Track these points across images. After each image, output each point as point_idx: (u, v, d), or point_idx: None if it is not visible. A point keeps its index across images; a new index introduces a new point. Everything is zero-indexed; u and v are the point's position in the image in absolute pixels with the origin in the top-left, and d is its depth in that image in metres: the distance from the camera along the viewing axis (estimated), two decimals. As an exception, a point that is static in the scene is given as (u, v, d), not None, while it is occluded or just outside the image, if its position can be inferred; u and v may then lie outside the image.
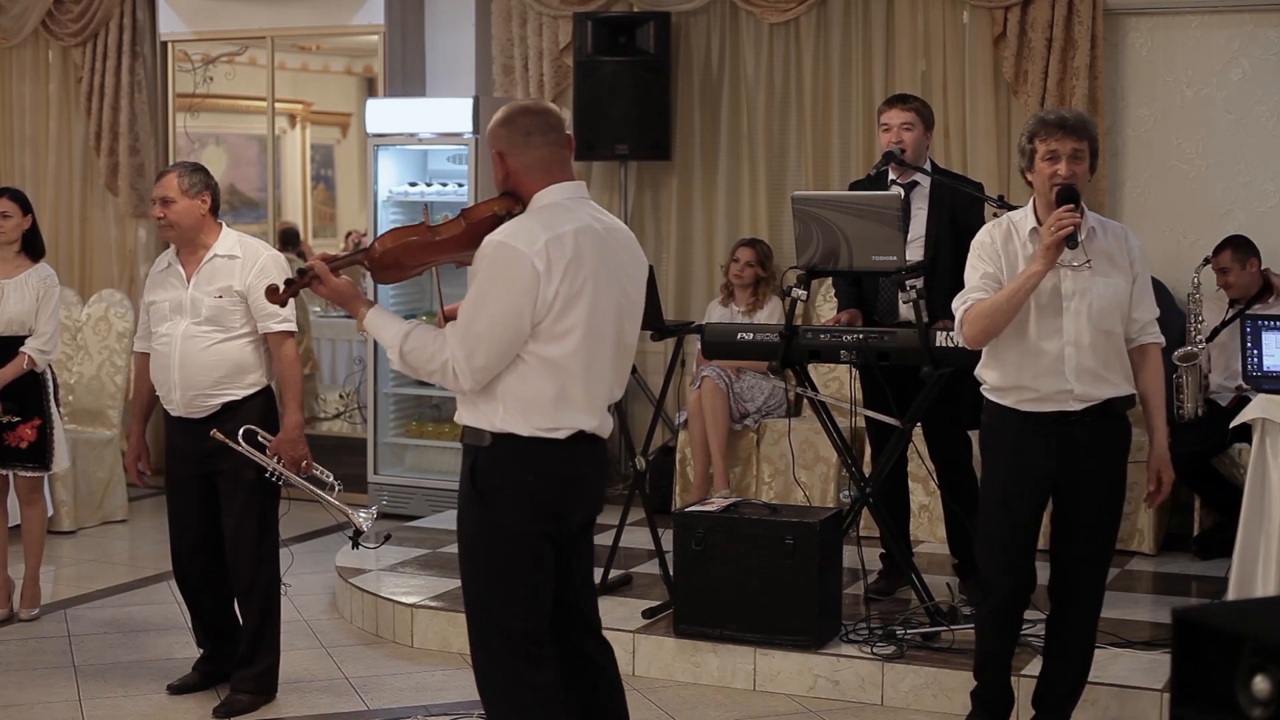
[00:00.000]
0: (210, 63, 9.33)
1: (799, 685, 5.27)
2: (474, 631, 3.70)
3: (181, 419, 5.10)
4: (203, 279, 5.06)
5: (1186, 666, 1.93)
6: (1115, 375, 4.38)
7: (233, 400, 5.05)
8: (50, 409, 6.12)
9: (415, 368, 3.59)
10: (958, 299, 4.45)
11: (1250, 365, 5.99)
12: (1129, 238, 4.45)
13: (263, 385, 5.13)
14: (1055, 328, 4.32)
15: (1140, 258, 4.43)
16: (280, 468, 5.01)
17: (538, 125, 3.60)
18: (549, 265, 3.46)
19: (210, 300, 5.02)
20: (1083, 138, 4.31)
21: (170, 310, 5.09)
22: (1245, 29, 7.20)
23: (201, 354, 5.02)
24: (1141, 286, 4.42)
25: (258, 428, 5.04)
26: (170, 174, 5.13)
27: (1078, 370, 4.32)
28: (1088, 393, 4.34)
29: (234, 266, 5.05)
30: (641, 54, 7.86)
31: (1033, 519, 4.48)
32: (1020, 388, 4.37)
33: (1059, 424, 4.35)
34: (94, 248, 9.35)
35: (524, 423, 3.52)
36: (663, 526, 5.92)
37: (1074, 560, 4.46)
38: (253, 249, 5.12)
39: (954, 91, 7.49)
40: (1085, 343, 4.31)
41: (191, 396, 5.04)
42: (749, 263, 7.49)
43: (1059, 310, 4.32)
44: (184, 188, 5.07)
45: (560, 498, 3.61)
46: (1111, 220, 4.54)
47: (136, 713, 5.15)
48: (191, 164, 5.24)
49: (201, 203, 5.08)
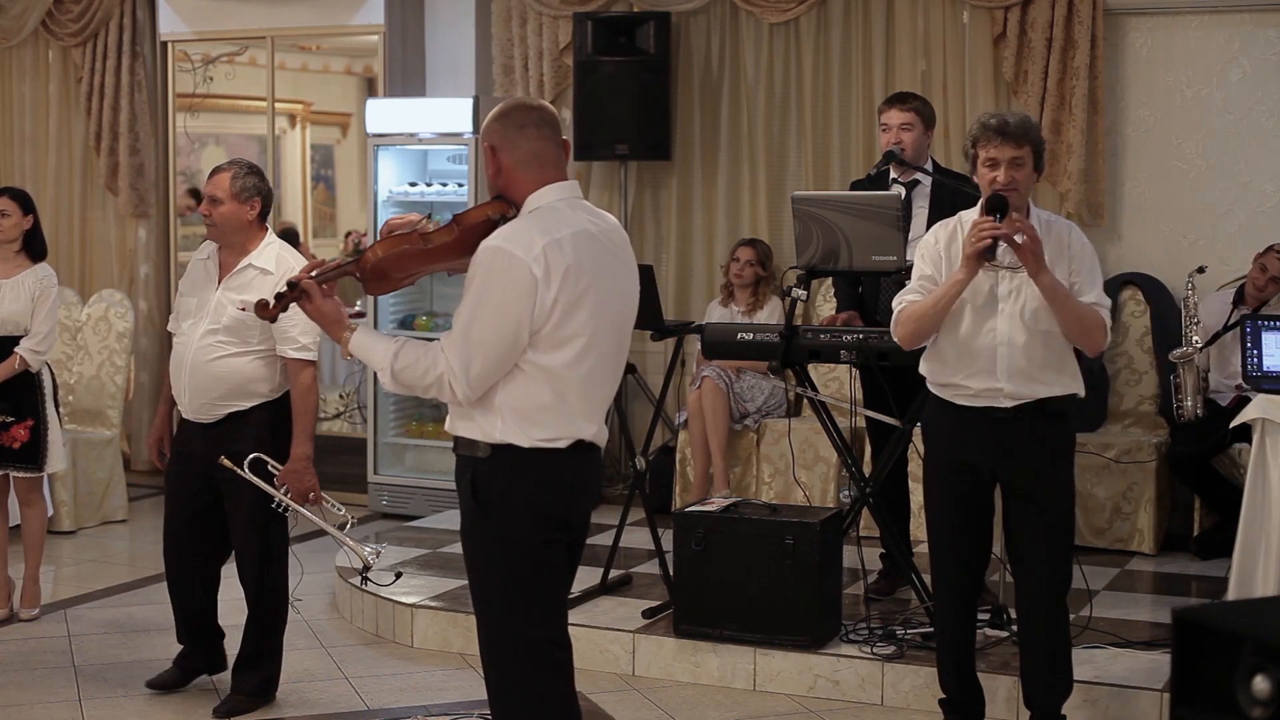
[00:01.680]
0: (210, 63, 9.32)
1: (799, 685, 5.27)
2: (489, 646, 3.57)
3: (190, 422, 5.09)
4: (233, 285, 5.00)
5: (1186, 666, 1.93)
6: (1050, 375, 4.38)
7: (239, 410, 5.01)
8: (45, 409, 6.11)
9: (410, 385, 3.47)
10: (896, 298, 4.55)
11: (1250, 365, 5.99)
12: (1070, 232, 4.44)
13: (273, 398, 5.04)
14: (990, 327, 4.37)
15: (1080, 251, 4.38)
16: (288, 499, 4.93)
17: (532, 119, 3.51)
18: (547, 271, 3.35)
19: (232, 310, 4.95)
20: (1023, 144, 4.30)
21: (196, 308, 5.04)
22: (1245, 29, 7.20)
23: (212, 364, 4.97)
24: (1082, 276, 4.36)
25: (264, 440, 4.96)
26: (225, 172, 5.00)
27: (1010, 370, 4.35)
28: (1019, 391, 4.36)
29: (265, 282, 4.90)
30: (641, 54, 7.86)
31: (974, 502, 4.48)
32: (954, 385, 4.44)
33: (992, 420, 4.38)
34: (94, 248, 9.35)
35: (523, 434, 3.43)
36: (663, 526, 5.92)
37: (1028, 560, 4.47)
38: (286, 266, 4.97)
39: (954, 91, 7.49)
40: (1019, 342, 4.34)
41: (200, 404, 5.01)
42: (749, 262, 7.49)
43: (994, 310, 4.36)
44: (235, 190, 4.97)
45: (565, 505, 3.54)
46: (1059, 218, 4.53)
47: (136, 713, 5.15)
48: (248, 165, 5.10)
49: (250, 208, 5.00)
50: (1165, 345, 6.81)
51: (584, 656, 5.20)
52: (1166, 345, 6.72)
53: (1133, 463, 6.75)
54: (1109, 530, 6.79)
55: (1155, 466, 6.74)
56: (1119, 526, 6.78)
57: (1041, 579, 4.46)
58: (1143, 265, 7.32)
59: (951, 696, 4.67)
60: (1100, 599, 5.85)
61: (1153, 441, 6.83)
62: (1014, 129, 4.31)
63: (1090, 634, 5.33)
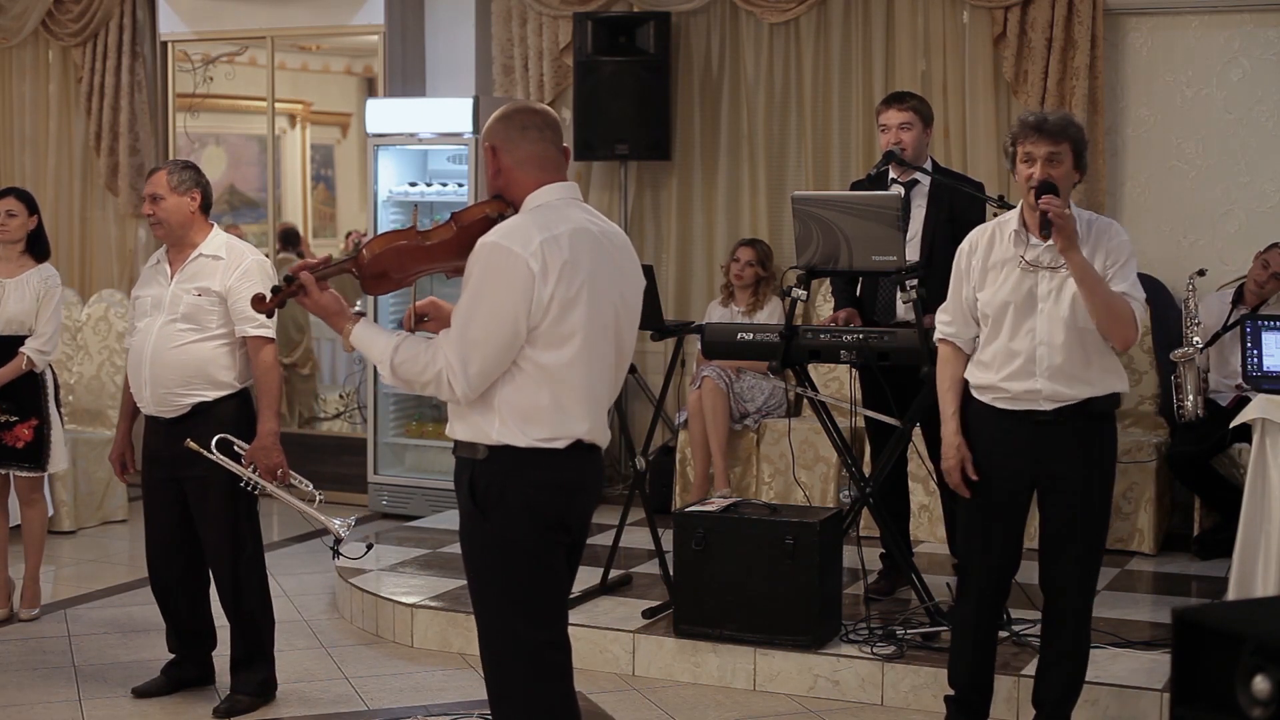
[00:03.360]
0: (210, 63, 9.33)
1: (799, 685, 5.27)
2: (489, 648, 3.56)
3: (154, 420, 5.09)
4: (185, 277, 5.04)
5: (1186, 666, 1.93)
6: (1093, 374, 4.38)
7: (204, 402, 5.00)
8: (48, 409, 6.12)
9: (409, 380, 3.47)
10: (938, 316, 4.60)
11: (1250, 365, 5.99)
12: (1111, 227, 4.44)
13: (236, 389, 5.06)
14: (1029, 328, 4.37)
15: (1119, 245, 4.37)
16: (256, 477, 4.93)
17: (534, 122, 3.51)
18: (545, 266, 3.34)
19: (189, 298, 4.98)
20: (1060, 140, 4.30)
21: (151, 306, 5.07)
22: (1245, 29, 7.20)
23: (173, 351, 4.98)
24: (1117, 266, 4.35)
25: (231, 434, 4.97)
26: (160, 171, 5.10)
27: (1050, 370, 4.34)
28: (1059, 392, 4.35)
29: (217, 267, 5.01)
30: (641, 54, 7.86)
31: (1010, 504, 4.49)
32: (995, 388, 4.43)
33: (1034, 423, 4.38)
34: (94, 248, 9.35)
35: (521, 434, 3.41)
36: (663, 526, 5.92)
37: (1059, 560, 4.47)
38: (238, 251, 5.07)
39: (954, 91, 7.49)
40: (1059, 342, 4.34)
41: (162, 394, 5.01)
42: (749, 262, 7.50)
43: (1033, 311, 4.36)
44: (173, 185, 5.04)
45: (563, 507, 3.52)
46: (1103, 217, 4.53)
47: (136, 713, 5.15)
48: (182, 162, 5.21)
49: (190, 200, 5.05)
50: (1165, 345, 6.81)
51: (584, 656, 5.20)
52: (1166, 345, 6.72)
53: (1133, 463, 6.75)
54: (1109, 530, 6.78)
55: (1155, 466, 6.75)
56: (1119, 526, 6.77)
57: (1073, 580, 4.46)
58: (1142, 265, 7.23)
59: (960, 694, 4.65)
60: (1100, 599, 5.81)
61: (1153, 441, 6.83)
62: (1052, 126, 4.30)
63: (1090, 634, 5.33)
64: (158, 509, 5.17)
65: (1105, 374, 4.41)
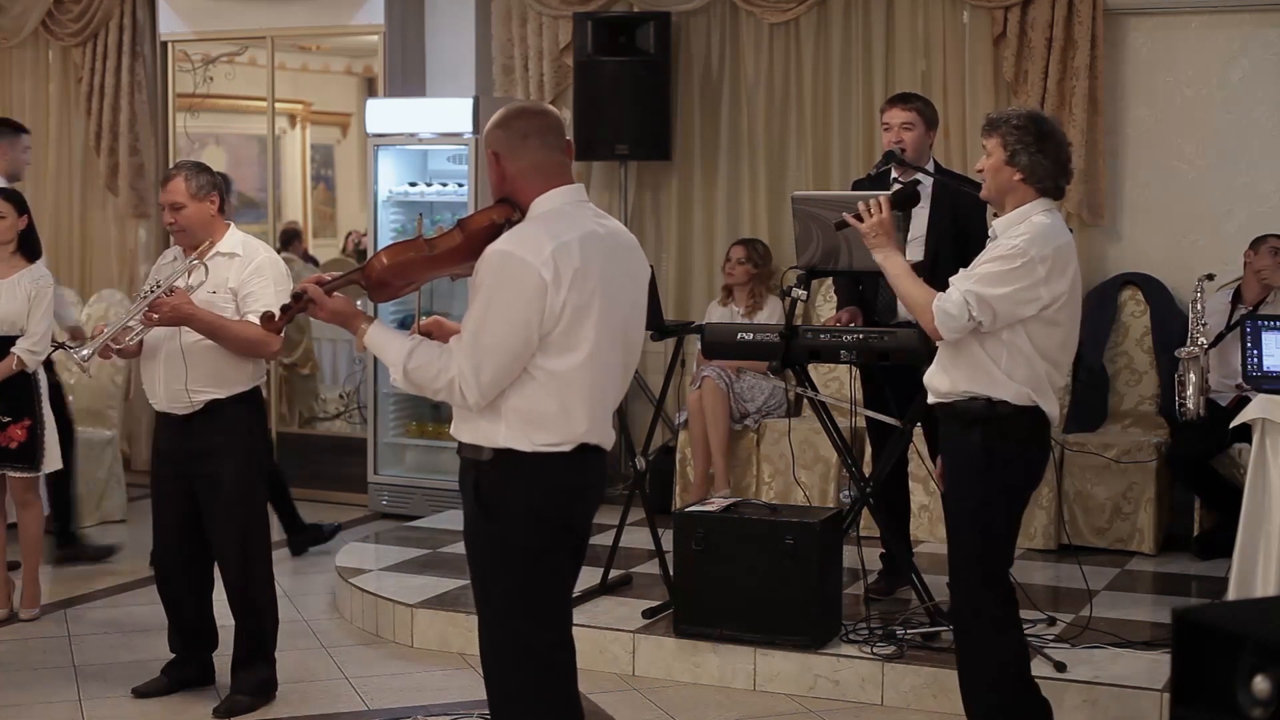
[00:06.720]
0: (210, 63, 9.32)
1: (799, 685, 5.27)
2: (492, 649, 3.57)
3: (165, 415, 5.10)
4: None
5: (1186, 666, 1.93)
6: (957, 373, 4.25)
7: (217, 399, 5.02)
8: (41, 410, 6.11)
9: (420, 385, 3.46)
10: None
11: (1250, 365, 5.99)
12: (1009, 231, 4.35)
13: (249, 388, 5.07)
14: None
15: (999, 246, 4.28)
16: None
17: (535, 128, 3.49)
18: (556, 274, 3.33)
19: (204, 295, 4.99)
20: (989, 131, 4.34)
21: None
22: (1245, 29, 7.20)
23: (187, 348, 4.98)
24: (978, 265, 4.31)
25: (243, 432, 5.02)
26: (177, 178, 5.05)
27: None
28: (934, 386, 4.32)
29: (233, 264, 5.03)
30: (641, 54, 7.86)
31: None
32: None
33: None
34: (94, 248, 9.35)
35: (527, 440, 3.42)
36: (663, 526, 5.91)
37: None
38: (253, 248, 5.10)
39: (954, 91, 7.49)
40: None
41: (175, 390, 5.02)
42: (739, 260, 7.48)
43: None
44: (192, 191, 5.01)
45: (567, 509, 3.53)
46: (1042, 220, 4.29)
47: (136, 713, 5.15)
48: (194, 164, 5.18)
49: (210, 204, 5.05)
50: (1165, 345, 6.80)
51: (584, 656, 5.15)
52: (1166, 345, 6.71)
53: (1133, 463, 6.74)
54: (1109, 530, 6.79)
55: (1155, 466, 6.74)
56: (1119, 526, 6.78)
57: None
58: (1142, 265, 7.31)
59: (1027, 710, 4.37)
60: (1100, 599, 5.85)
61: (1153, 441, 6.83)
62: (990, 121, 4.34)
63: (1090, 634, 5.34)
64: (164, 507, 5.18)
65: (968, 374, 4.22)
